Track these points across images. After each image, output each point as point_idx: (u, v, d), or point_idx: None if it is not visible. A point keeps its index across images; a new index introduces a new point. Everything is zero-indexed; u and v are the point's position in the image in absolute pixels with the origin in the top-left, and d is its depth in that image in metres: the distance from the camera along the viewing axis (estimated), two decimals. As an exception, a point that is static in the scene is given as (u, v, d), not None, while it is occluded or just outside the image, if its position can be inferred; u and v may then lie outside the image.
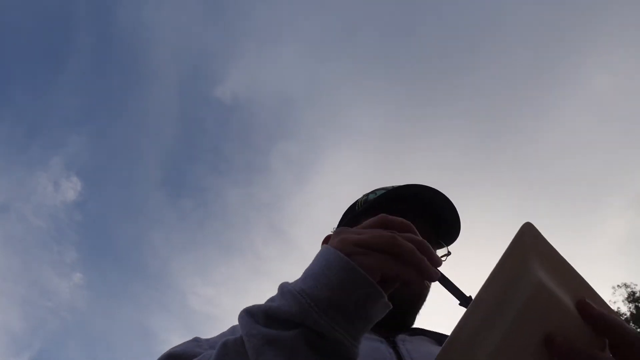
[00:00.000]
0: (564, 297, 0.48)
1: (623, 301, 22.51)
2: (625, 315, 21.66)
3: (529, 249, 0.49)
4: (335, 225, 1.10)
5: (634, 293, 22.52)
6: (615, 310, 21.40)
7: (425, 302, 0.95)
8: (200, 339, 0.77)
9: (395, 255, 0.48)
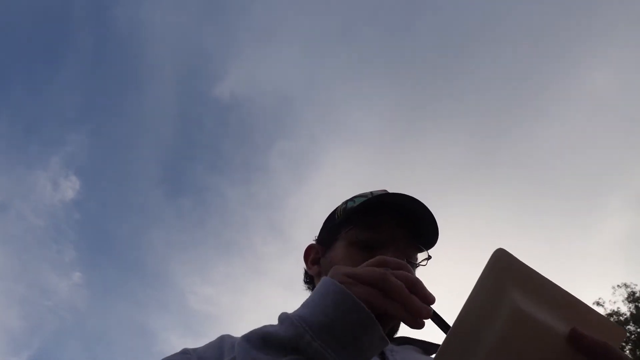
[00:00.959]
0: (548, 318, 0.47)
1: (623, 301, 22.55)
2: (625, 315, 21.69)
3: (504, 276, 0.47)
4: (317, 235, 1.09)
5: (634, 293, 22.56)
6: (615, 310, 21.48)
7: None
8: (188, 350, 0.77)
9: (383, 291, 0.50)
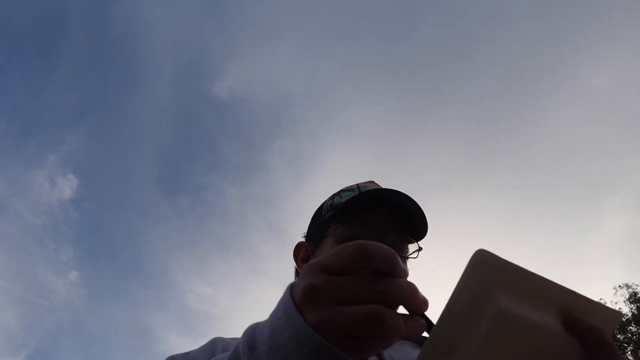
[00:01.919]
0: (535, 314, 0.47)
1: (625, 302, 22.49)
2: (627, 316, 21.61)
3: (485, 277, 0.46)
4: (305, 231, 1.06)
5: (635, 294, 22.47)
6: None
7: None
8: (175, 356, 0.75)
9: (377, 333, 0.38)
